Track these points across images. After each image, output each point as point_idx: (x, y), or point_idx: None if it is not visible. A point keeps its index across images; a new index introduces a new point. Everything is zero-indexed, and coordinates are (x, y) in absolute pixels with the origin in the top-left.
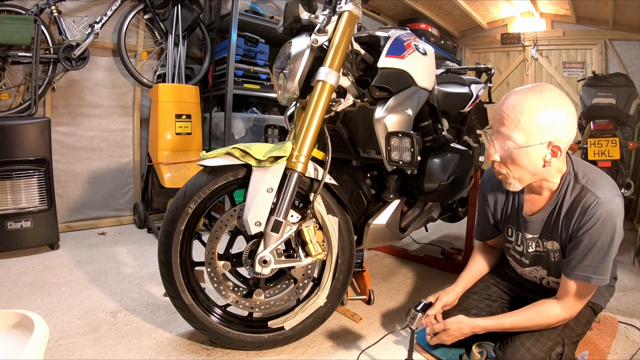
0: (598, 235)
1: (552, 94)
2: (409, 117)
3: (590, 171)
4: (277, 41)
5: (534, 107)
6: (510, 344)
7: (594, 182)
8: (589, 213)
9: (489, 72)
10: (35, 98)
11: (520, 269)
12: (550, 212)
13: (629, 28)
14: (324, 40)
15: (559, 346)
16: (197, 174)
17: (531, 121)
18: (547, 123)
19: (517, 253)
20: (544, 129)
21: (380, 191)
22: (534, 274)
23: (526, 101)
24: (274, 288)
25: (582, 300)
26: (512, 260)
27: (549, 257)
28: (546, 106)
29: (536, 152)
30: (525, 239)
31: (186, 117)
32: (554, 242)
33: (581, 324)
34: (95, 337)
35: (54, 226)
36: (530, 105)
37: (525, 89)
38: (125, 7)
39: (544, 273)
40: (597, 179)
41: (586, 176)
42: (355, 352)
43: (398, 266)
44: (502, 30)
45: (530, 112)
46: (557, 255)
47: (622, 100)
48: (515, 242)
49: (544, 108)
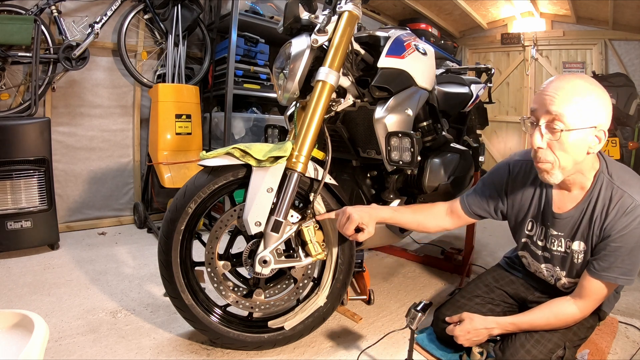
0: (632, 239)
1: (594, 81)
2: (409, 117)
3: (623, 172)
4: (277, 41)
5: (583, 89)
6: (511, 345)
7: (629, 184)
8: (627, 216)
9: (489, 72)
10: (35, 98)
11: (535, 265)
12: (582, 210)
13: (629, 28)
14: (324, 40)
15: (560, 349)
16: (197, 174)
17: (582, 103)
18: (594, 106)
19: (537, 248)
20: (591, 112)
21: (380, 191)
22: (550, 273)
23: (575, 85)
24: (274, 288)
25: (600, 300)
26: (529, 255)
27: (572, 258)
28: (593, 90)
29: (583, 137)
30: (550, 234)
31: (186, 117)
32: (582, 242)
33: (585, 328)
34: (95, 337)
35: (54, 226)
36: (580, 87)
37: (569, 75)
38: (125, 7)
39: (561, 274)
40: (632, 181)
41: (620, 177)
42: (355, 352)
43: (398, 266)
44: (502, 30)
45: (581, 95)
46: (581, 256)
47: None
48: (538, 236)
49: (591, 92)
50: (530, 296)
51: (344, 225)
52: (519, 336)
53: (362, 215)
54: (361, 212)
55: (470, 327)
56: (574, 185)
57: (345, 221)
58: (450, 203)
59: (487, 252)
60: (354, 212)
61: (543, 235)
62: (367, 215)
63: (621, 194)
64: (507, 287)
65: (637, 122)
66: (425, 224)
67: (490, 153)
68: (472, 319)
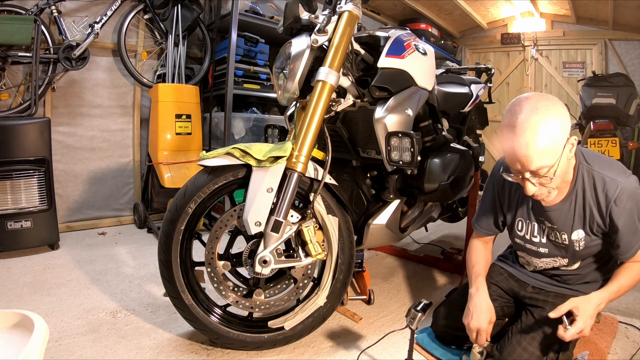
0: (634, 212)
1: (546, 105)
2: (409, 117)
3: (597, 157)
4: (277, 41)
5: (545, 128)
6: (507, 343)
7: (607, 167)
8: (618, 198)
9: (489, 72)
10: (35, 98)
11: (535, 261)
12: (572, 201)
13: (629, 28)
14: (324, 40)
15: (556, 344)
16: (197, 174)
17: (551, 141)
18: (559, 132)
19: (532, 245)
20: (560, 139)
21: (380, 191)
22: (551, 265)
23: (535, 129)
24: (274, 288)
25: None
26: (526, 254)
27: (574, 246)
28: (551, 121)
29: (564, 158)
30: (545, 227)
31: (186, 117)
32: (580, 230)
33: None
34: (95, 337)
35: (54, 226)
36: (542, 130)
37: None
38: (125, 7)
39: (563, 262)
40: (608, 164)
41: (596, 163)
42: (355, 352)
43: (398, 266)
44: (502, 30)
45: (545, 135)
46: (582, 244)
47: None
48: (531, 233)
49: (551, 125)
50: (523, 292)
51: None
52: (515, 334)
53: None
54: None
55: (589, 315)
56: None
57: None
58: (473, 235)
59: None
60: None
61: (536, 231)
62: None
63: (604, 178)
64: (502, 283)
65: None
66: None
67: (490, 153)
68: (584, 308)
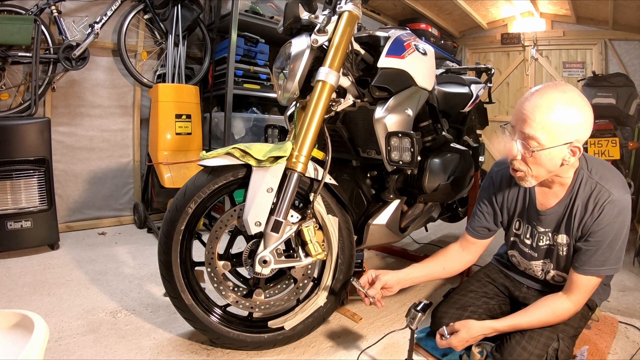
0: (610, 232)
1: (574, 95)
2: (409, 117)
3: (602, 167)
4: (277, 41)
5: (560, 109)
6: (507, 344)
7: (607, 178)
8: (603, 210)
9: (489, 72)
10: (35, 98)
11: (525, 263)
12: (565, 206)
13: (629, 28)
14: (324, 40)
15: (554, 342)
16: (197, 174)
17: (557, 123)
18: (571, 124)
19: (525, 246)
20: (568, 130)
21: (380, 191)
22: (540, 268)
23: (552, 102)
24: (274, 288)
25: (590, 291)
26: (518, 254)
27: (557, 250)
28: (571, 108)
29: (558, 152)
30: (537, 232)
31: (186, 117)
32: (565, 235)
33: (576, 318)
34: (95, 337)
35: (54, 226)
36: (556, 107)
37: (548, 89)
38: (125, 7)
39: (550, 267)
40: (609, 176)
41: (599, 172)
42: (355, 352)
43: (398, 266)
44: (502, 30)
45: (557, 114)
46: (565, 249)
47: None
48: (525, 235)
49: (568, 110)
50: (517, 292)
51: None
52: (513, 335)
53: (388, 278)
54: (388, 276)
55: (468, 336)
56: (554, 184)
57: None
58: (460, 239)
59: (487, 252)
60: (384, 275)
61: (529, 234)
62: (395, 278)
63: (599, 188)
64: (499, 282)
65: (637, 122)
66: (451, 267)
67: (490, 153)
68: (468, 327)
